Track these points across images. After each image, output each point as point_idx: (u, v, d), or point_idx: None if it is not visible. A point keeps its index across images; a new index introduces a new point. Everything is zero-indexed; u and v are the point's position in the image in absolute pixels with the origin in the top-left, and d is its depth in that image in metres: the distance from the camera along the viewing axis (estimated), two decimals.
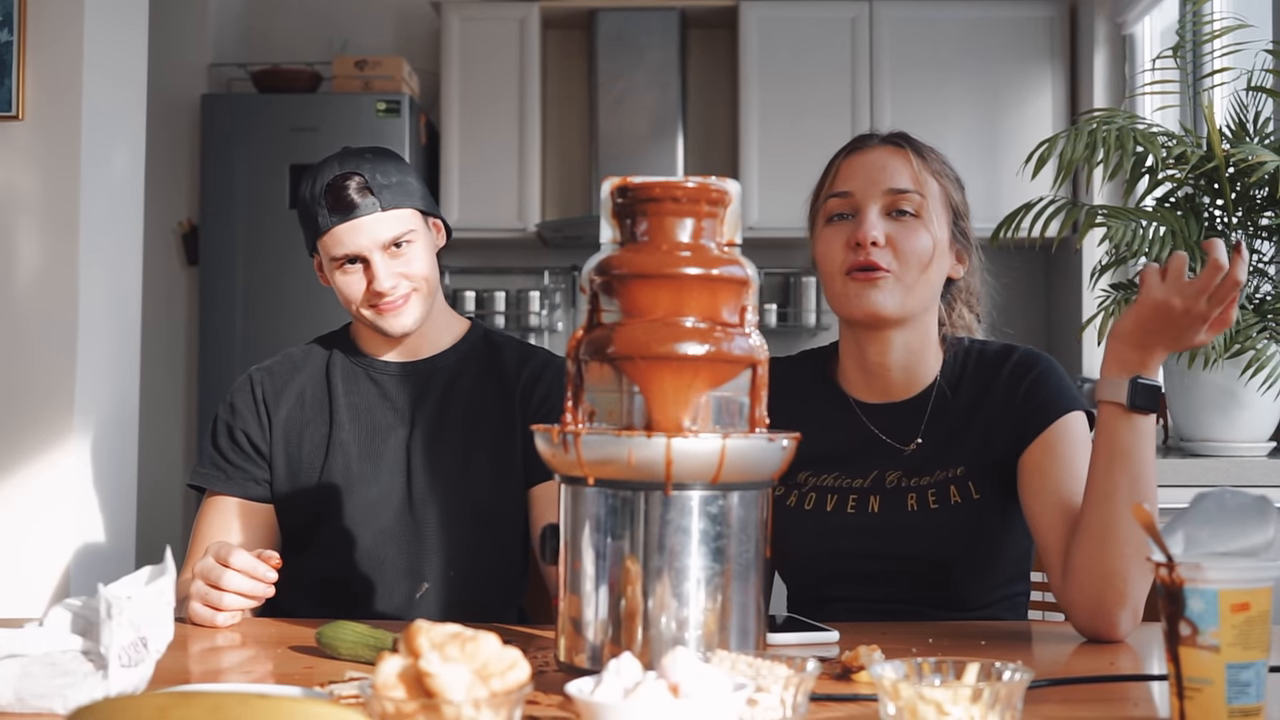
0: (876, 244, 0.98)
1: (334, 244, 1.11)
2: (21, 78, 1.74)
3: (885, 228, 0.99)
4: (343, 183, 1.09)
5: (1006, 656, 0.68)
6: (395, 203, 1.11)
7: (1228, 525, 0.69)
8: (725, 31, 3.18)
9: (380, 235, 1.10)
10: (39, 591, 1.72)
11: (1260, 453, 1.77)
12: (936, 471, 1.01)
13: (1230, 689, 0.64)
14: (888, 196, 1.00)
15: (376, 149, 1.15)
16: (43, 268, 1.77)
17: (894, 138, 1.04)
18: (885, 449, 1.04)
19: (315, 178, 1.12)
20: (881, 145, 1.03)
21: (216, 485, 1.16)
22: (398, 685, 0.59)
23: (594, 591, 0.71)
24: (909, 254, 0.99)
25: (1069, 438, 0.98)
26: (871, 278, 0.99)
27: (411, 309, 1.13)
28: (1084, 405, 1.01)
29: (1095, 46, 2.87)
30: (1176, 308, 0.86)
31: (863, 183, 1.01)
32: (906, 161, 1.01)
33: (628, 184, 0.73)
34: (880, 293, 0.99)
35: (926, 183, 1.01)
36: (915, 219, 1.00)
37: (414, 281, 1.12)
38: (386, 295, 1.11)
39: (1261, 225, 1.78)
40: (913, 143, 1.04)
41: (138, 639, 0.72)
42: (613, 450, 0.69)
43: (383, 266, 1.10)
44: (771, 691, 0.64)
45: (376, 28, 3.31)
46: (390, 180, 1.11)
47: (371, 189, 1.10)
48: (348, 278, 1.12)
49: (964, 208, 1.05)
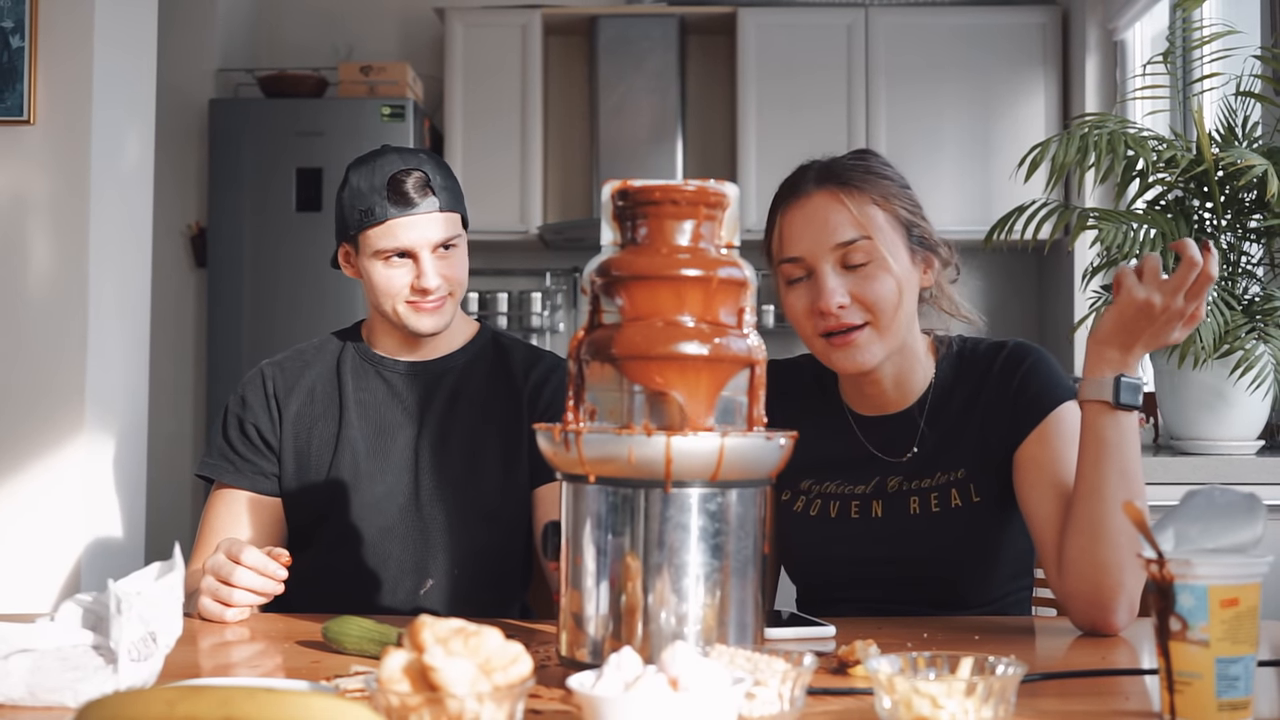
0: (842, 306, 0.97)
1: (387, 236, 1.11)
2: (33, 83, 1.76)
3: (845, 284, 0.97)
4: (405, 176, 1.10)
5: (1000, 651, 0.69)
6: (451, 205, 1.13)
7: (1217, 522, 0.70)
8: (724, 38, 3.20)
9: (433, 235, 1.11)
10: (50, 587, 1.73)
11: (1249, 451, 1.78)
12: (937, 474, 1.02)
13: (1219, 683, 0.65)
14: (837, 251, 0.98)
15: (428, 150, 1.17)
16: (54, 269, 1.79)
17: (826, 179, 1.00)
18: (882, 457, 1.05)
19: (373, 168, 1.12)
20: (817, 191, 0.99)
21: (225, 477, 1.16)
22: (402, 679, 0.59)
23: (595, 587, 0.72)
24: (876, 303, 0.97)
25: (1063, 430, 0.99)
26: (847, 340, 0.98)
27: (447, 311, 1.14)
28: (1076, 395, 1.01)
29: (1087, 52, 2.89)
30: (1156, 306, 0.88)
31: (810, 244, 0.98)
32: (843, 206, 0.98)
33: (628, 187, 0.74)
34: (860, 350, 0.98)
35: (871, 219, 0.98)
36: (870, 265, 0.97)
37: (452, 285, 1.14)
38: (432, 292, 1.12)
39: (1250, 228, 1.79)
40: (843, 179, 0.99)
41: (147, 634, 0.72)
42: (613, 448, 0.70)
43: (431, 265, 1.11)
44: (769, 685, 0.65)
45: (381, 34, 3.33)
46: (448, 182, 1.13)
47: (432, 188, 1.11)
48: (391, 271, 1.12)
49: (915, 212, 1.01)
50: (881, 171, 1.03)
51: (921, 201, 1.04)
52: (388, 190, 1.10)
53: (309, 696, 0.53)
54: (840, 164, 1.02)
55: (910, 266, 1.01)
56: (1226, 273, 1.79)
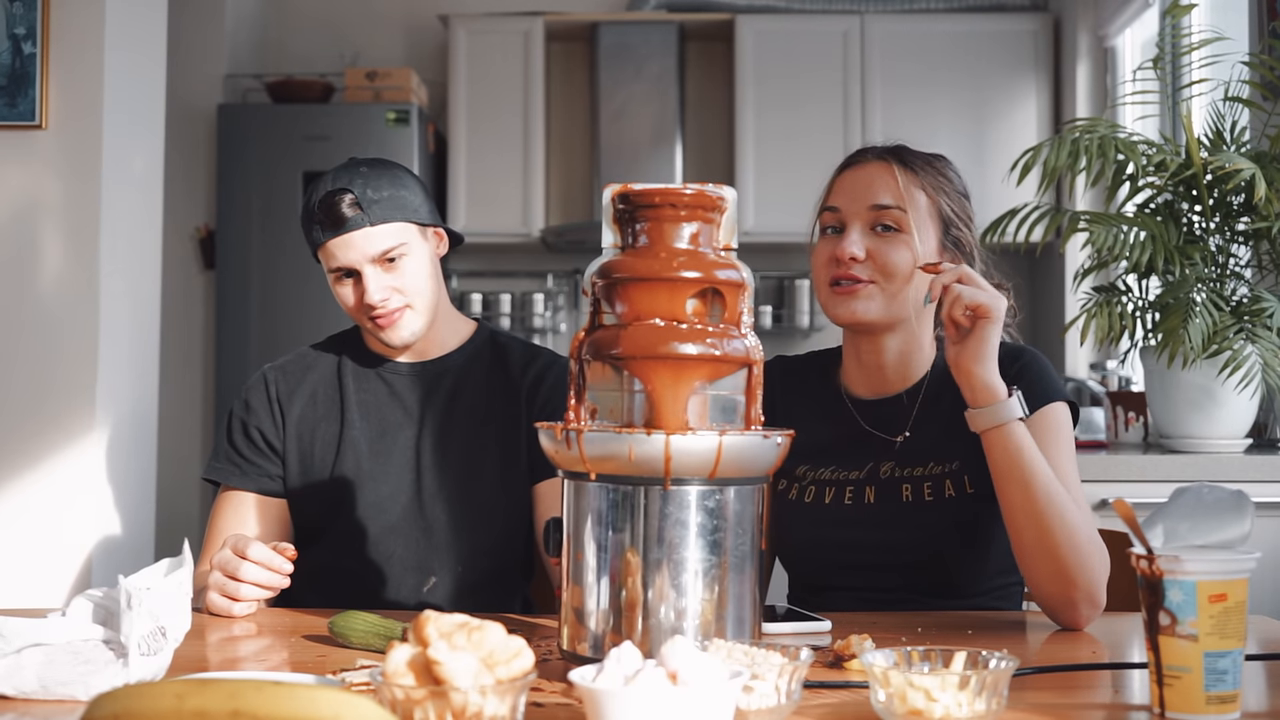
0: (856, 259, 1.02)
1: (328, 257, 1.13)
2: (45, 89, 1.77)
3: (868, 242, 1.03)
4: (334, 198, 1.11)
5: (993, 645, 0.70)
6: (385, 217, 1.12)
7: (1206, 519, 0.71)
8: (722, 44, 3.22)
9: (369, 250, 1.12)
10: (62, 582, 1.74)
11: (1237, 449, 1.79)
12: (930, 464, 1.04)
13: (1208, 677, 0.66)
14: (871, 213, 1.04)
15: (376, 161, 1.16)
16: (65, 271, 1.80)
17: (889, 152, 1.07)
18: (878, 442, 1.06)
19: (314, 191, 1.14)
20: (875, 160, 1.06)
21: (231, 480, 1.17)
22: (407, 673, 0.60)
23: (596, 583, 0.73)
24: (889, 267, 1.02)
25: (1048, 427, 1.00)
26: (850, 290, 1.03)
27: (407, 323, 1.14)
28: (1066, 396, 1.03)
29: (1078, 58, 2.91)
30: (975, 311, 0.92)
31: (849, 199, 1.05)
32: (892, 177, 1.04)
33: (629, 191, 0.75)
34: (858, 301, 1.03)
35: (913, 197, 1.04)
36: (897, 233, 1.03)
37: (407, 295, 1.13)
38: (377, 308, 1.12)
39: (1238, 230, 1.81)
40: (904, 157, 1.06)
41: (157, 628, 0.73)
42: (614, 447, 0.71)
43: (373, 280, 1.12)
44: (766, 679, 0.65)
45: (387, 40, 3.35)
46: (381, 195, 1.12)
47: (362, 204, 1.11)
48: (344, 289, 1.14)
49: (961, 217, 1.06)
50: (943, 170, 1.08)
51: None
52: (319, 213, 1.12)
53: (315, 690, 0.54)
54: (907, 148, 1.08)
55: (935, 255, 1.04)
56: (1215, 274, 1.81)
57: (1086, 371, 2.69)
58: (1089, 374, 2.60)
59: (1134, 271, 1.84)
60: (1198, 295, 1.72)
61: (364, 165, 1.15)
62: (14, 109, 1.78)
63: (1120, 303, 1.84)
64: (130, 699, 0.54)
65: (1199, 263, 1.79)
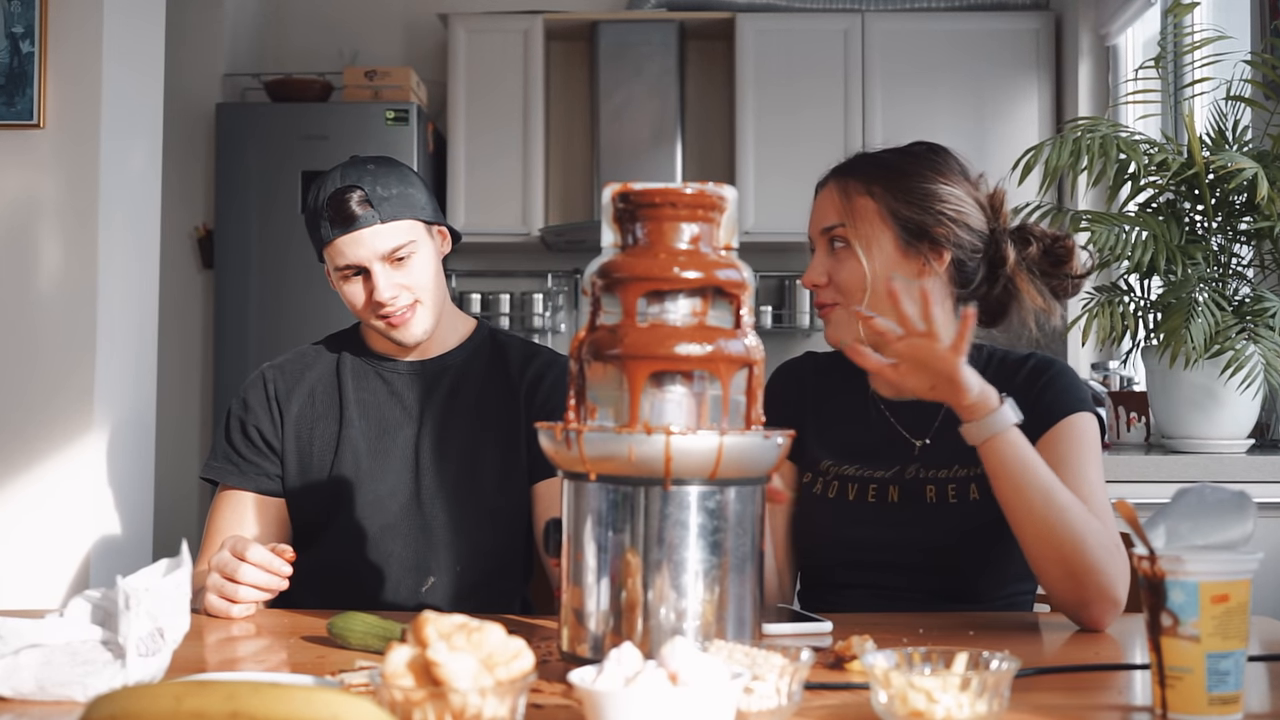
0: (818, 285, 1.06)
1: (337, 255, 1.13)
2: (43, 88, 1.77)
3: (827, 265, 1.06)
4: (344, 196, 1.11)
5: (995, 646, 0.70)
6: (395, 214, 1.12)
7: (1208, 519, 0.71)
8: (722, 43, 3.22)
9: (380, 247, 1.12)
10: (59, 583, 1.75)
11: (1239, 449, 1.79)
12: (955, 467, 1.04)
13: (1210, 678, 0.66)
14: (823, 236, 1.07)
15: (380, 159, 1.16)
16: (64, 270, 1.80)
17: (837, 169, 1.08)
18: (905, 443, 1.07)
19: (320, 189, 1.13)
20: (830, 180, 1.08)
21: (229, 479, 1.17)
22: (406, 674, 0.60)
23: (595, 583, 0.73)
24: (842, 286, 1.05)
25: (1072, 436, 1.00)
26: (825, 315, 1.08)
27: (419, 320, 1.14)
28: (1093, 408, 1.03)
29: (1080, 57, 2.91)
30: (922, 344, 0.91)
31: (811, 226, 1.09)
32: (836, 195, 1.06)
33: (628, 190, 0.75)
34: (830, 326, 1.07)
35: (855, 208, 1.04)
36: (846, 249, 1.05)
37: (415, 292, 1.13)
38: (387, 306, 1.12)
39: (1240, 230, 1.81)
40: (851, 169, 1.07)
41: (155, 629, 0.73)
42: (614, 447, 0.71)
43: (383, 277, 1.12)
44: (767, 680, 0.65)
45: (386, 39, 3.35)
46: (390, 192, 1.12)
47: (371, 201, 1.11)
48: (352, 287, 1.14)
49: (916, 206, 1.03)
50: (904, 166, 1.06)
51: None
52: (328, 211, 1.12)
53: (314, 691, 0.54)
54: (864, 155, 1.09)
55: (898, 259, 1.04)
56: (1217, 274, 1.81)
57: (1088, 372, 2.69)
58: (1091, 374, 2.59)
59: (1136, 271, 1.84)
60: (1200, 295, 1.72)
61: (370, 163, 1.15)
62: (12, 108, 1.78)
63: (1122, 303, 1.84)
64: (128, 700, 0.54)
65: (1201, 262, 1.79)
